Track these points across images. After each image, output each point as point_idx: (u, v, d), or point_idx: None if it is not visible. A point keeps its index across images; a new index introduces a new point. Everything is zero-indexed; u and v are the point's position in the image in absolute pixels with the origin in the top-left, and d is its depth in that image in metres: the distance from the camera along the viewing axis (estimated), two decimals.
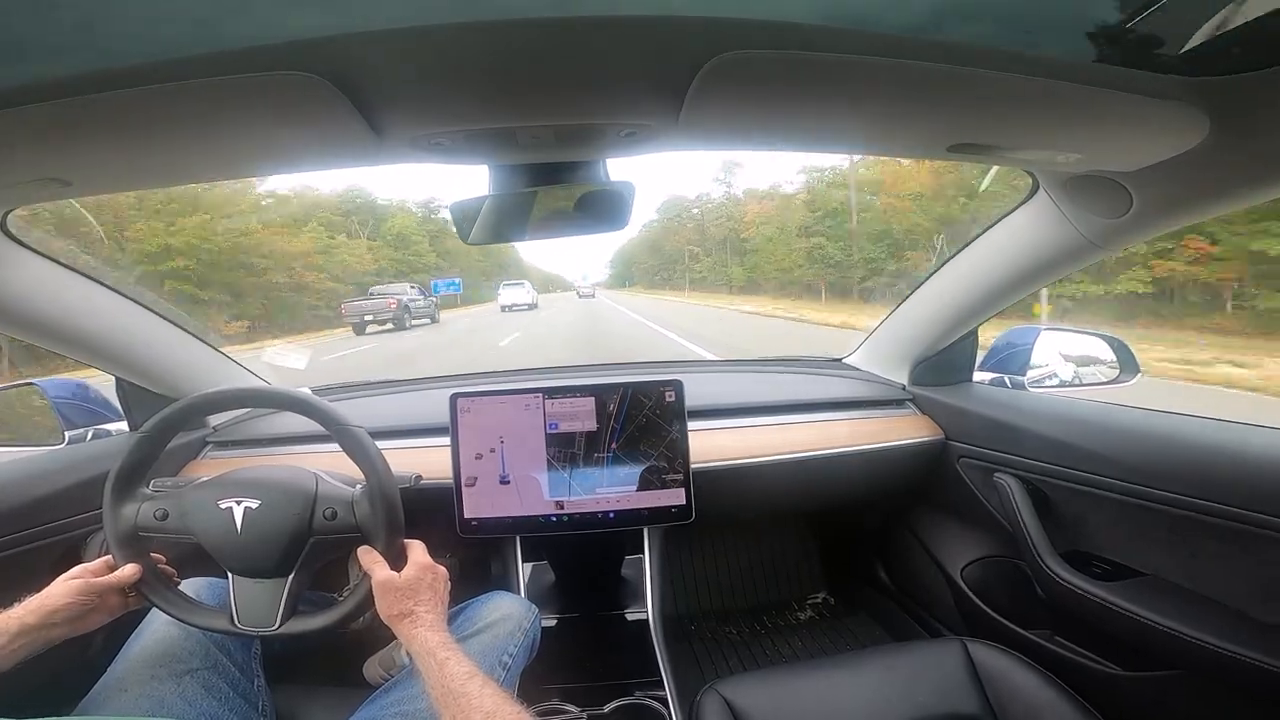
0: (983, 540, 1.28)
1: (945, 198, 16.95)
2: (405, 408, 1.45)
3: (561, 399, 1.14)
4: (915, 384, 1.40)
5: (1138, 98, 0.56)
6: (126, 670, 0.79)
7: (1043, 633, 1.12)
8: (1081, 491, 1.00)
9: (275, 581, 0.79)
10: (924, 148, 0.75)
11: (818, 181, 24.24)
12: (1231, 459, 0.82)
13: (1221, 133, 0.60)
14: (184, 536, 0.78)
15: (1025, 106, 0.59)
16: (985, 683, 0.91)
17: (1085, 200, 0.84)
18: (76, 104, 0.48)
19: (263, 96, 0.50)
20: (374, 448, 0.79)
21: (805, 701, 0.90)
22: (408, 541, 0.82)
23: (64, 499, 0.99)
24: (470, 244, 0.78)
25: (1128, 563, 0.97)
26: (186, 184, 0.74)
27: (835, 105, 0.59)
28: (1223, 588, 0.84)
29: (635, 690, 0.99)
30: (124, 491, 0.79)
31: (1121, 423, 0.99)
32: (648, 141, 0.65)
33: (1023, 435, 1.11)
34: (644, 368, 1.66)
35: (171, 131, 0.56)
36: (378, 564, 0.77)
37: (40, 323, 0.95)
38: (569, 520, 1.13)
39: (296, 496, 0.79)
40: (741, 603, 1.80)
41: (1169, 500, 0.86)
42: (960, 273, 1.17)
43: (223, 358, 1.31)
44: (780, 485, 1.30)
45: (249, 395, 1.04)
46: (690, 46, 0.47)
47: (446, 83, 0.52)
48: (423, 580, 0.77)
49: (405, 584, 0.75)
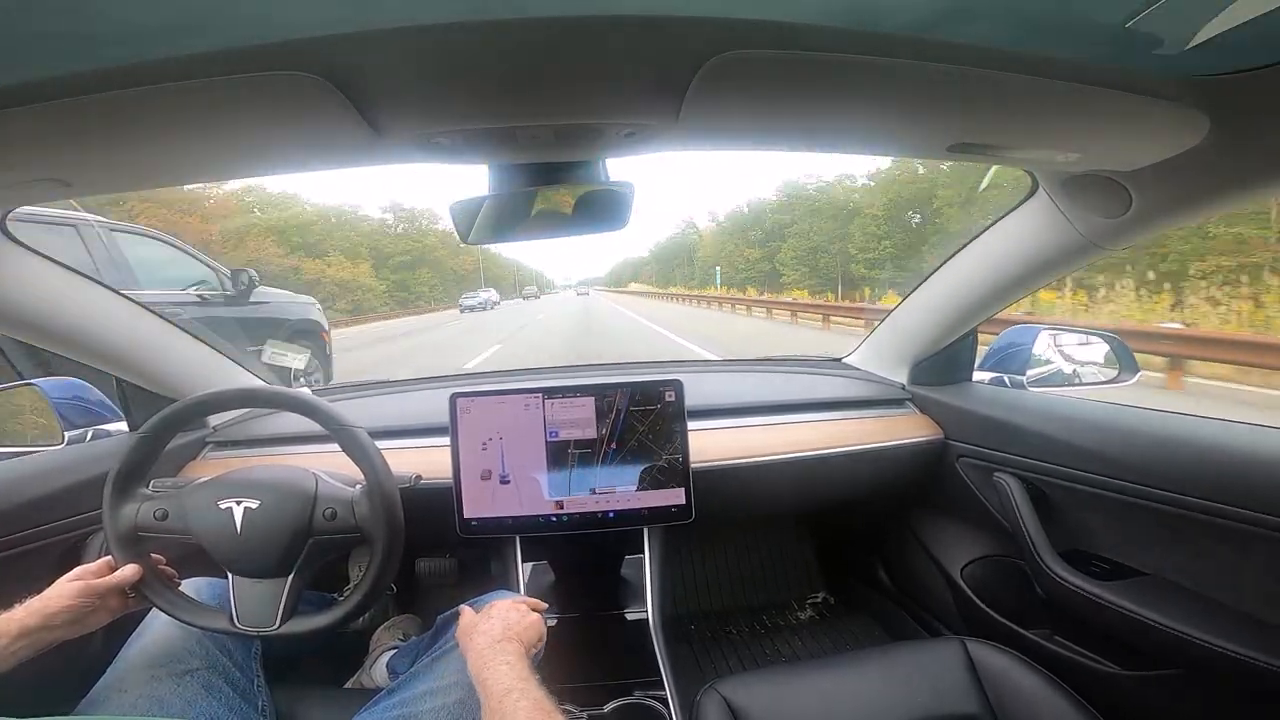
0: (982, 540, 1.28)
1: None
2: (405, 408, 1.45)
3: (561, 399, 1.14)
4: (915, 383, 1.40)
5: (1137, 97, 0.56)
6: (126, 670, 0.79)
7: (1042, 632, 1.12)
8: (1081, 491, 1.00)
9: (275, 581, 0.79)
10: (923, 148, 0.75)
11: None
12: (1232, 458, 0.82)
13: (1221, 132, 0.60)
14: (184, 537, 0.78)
15: (1025, 106, 0.59)
16: (985, 682, 0.91)
17: (1085, 200, 0.84)
18: (75, 104, 0.48)
19: (261, 96, 0.50)
20: (373, 447, 0.79)
21: (805, 701, 0.90)
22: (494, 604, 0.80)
23: (63, 499, 0.99)
24: (469, 244, 0.78)
25: (1127, 562, 0.97)
26: (185, 184, 0.74)
27: (835, 105, 0.59)
28: (1223, 587, 0.84)
29: (635, 690, 0.98)
30: (123, 492, 0.79)
31: (1121, 422, 0.99)
32: (647, 141, 0.65)
33: (1022, 434, 1.11)
34: (643, 368, 1.66)
35: (170, 132, 0.56)
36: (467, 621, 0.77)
37: (39, 323, 0.94)
38: (569, 520, 1.13)
39: (296, 497, 0.79)
40: (741, 602, 1.80)
41: (1169, 499, 0.86)
42: (960, 272, 1.17)
43: (222, 358, 1.30)
44: (780, 485, 1.30)
45: (248, 395, 1.04)
46: (690, 46, 0.47)
47: (446, 82, 0.52)
48: (510, 629, 0.74)
49: (489, 641, 0.71)
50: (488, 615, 0.76)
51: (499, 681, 0.62)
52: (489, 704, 0.61)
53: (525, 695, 0.60)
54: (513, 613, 0.77)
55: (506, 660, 0.66)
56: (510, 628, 0.74)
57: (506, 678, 0.63)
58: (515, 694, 0.60)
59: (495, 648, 0.69)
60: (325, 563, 0.83)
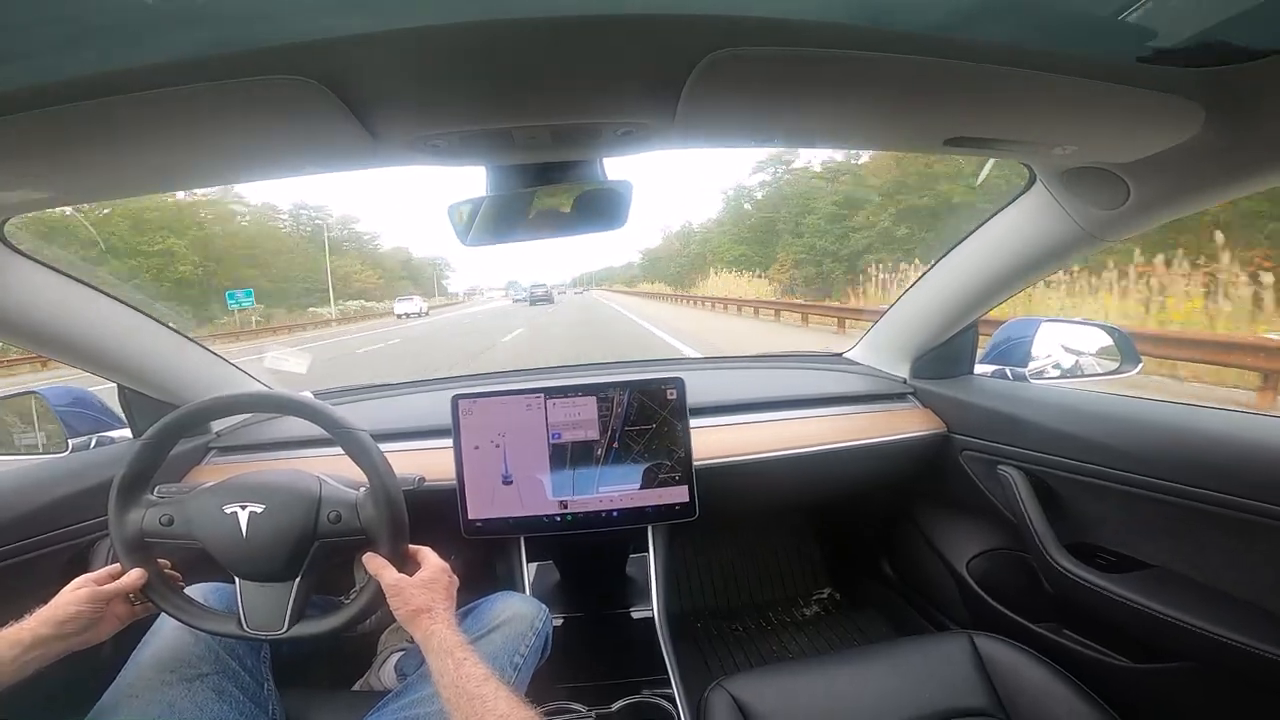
0: (987, 533, 1.28)
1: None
2: (407, 410, 1.45)
3: (562, 399, 1.14)
4: (916, 377, 1.40)
5: (1132, 90, 0.56)
6: (137, 676, 0.79)
7: (1050, 625, 1.11)
8: (1086, 483, 1.00)
9: (282, 585, 0.79)
10: (920, 142, 0.75)
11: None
12: (1237, 448, 0.81)
13: (1216, 123, 0.60)
14: (190, 542, 0.79)
15: (1021, 100, 0.59)
16: (993, 677, 0.90)
17: (1082, 192, 0.84)
18: (69, 111, 0.48)
19: (256, 101, 0.50)
20: (376, 450, 0.80)
21: (813, 698, 0.90)
22: (416, 547, 0.82)
23: (69, 506, 0.99)
24: (468, 246, 0.78)
25: (1134, 554, 0.97)
26: (181, 190, 0.74)
27: (831, 101, 0.59)
28: (1231, 579, 0.84)
29: (642, 689, 0.99)
30: (129, 498, 0.79)
31: (1125, 413, 0.99)
32: (645, 140, 0.65)
33: (1025, 427, 1.11)
34: (645, 366, 1.66)
35: (164, 137, 0.56)
36: (385, 568, 0.77)
37: (41, 331, 0.95)
38: (573, 520, 1.13)
39: (300, 500, 0.79)
40: (747, 599, 1.80)
41: (1175, 491, 0.86)
42: (959, 266, 1.17)
43: (224, 363, 1.31)
44: (783, 481, 1.30)
45: (251, 400, 1.04)
46: (685, 44, 0.47)
47: (441, 84, 0.52)
48: (439, 581, 0.78)
49: (423, 582, 0.76)
50: (431, 593, 0.77)
51: (477, 667, 0.68)
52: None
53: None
54: (445, 587, 0.80)
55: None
56: (450, 595, 0.79)
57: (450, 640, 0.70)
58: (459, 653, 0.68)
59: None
60: (332, 566, 0.83)
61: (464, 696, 0.63)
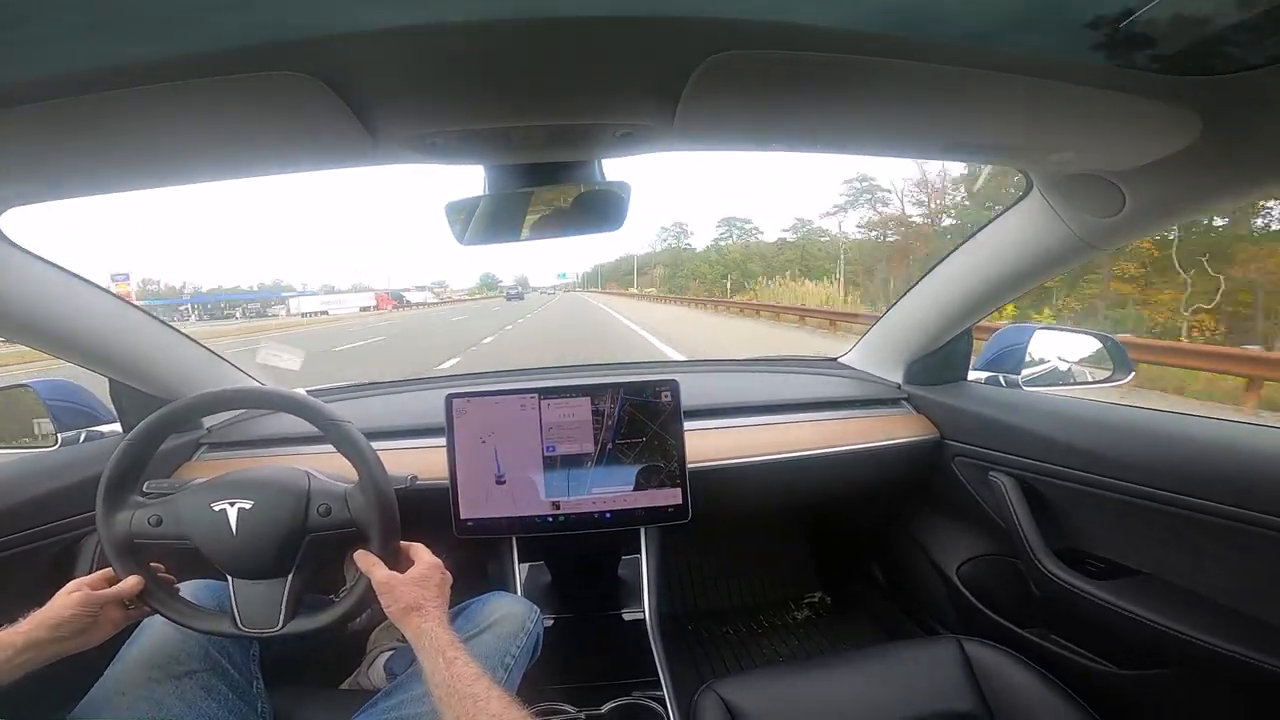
0: (978, 539, 1.29)
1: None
2: (401, 409, 1.44)
3: (557, 399, 1.14)
4: (910, 383, 1.40)
5: (1130, 98, 0.56)
6: (124, 673, 0.78)
7: (1038, 631, 1.12)
8: (1076, 490, 1.01)
9: (275, 582, 0.78)
10: (919, 148, 0.75)
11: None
12: (1227, 457, 0.82)
13: (1213, 132, 0.61)
14: (180, 541, 0.78)
15: (1020, 107, 0.60)
16: (981, 681, 0.91)
17: (1079, 199, 0.84)
18: (68, 105, 0.48)
19: (255, 97, 0.50)
20: (365, 443, 0.79)
21: (802, 701, 0.90)
22: (408, 544, 0.82)
23: (57, 501, 0.98)
24: (465, 245, 0.77)
25: (1123, 561, 0.97)
26: (178, 185, 0.73)
27: (831, 105, 0.60)
28: (1218, 586, 0.84)
29: (632, 690, 0.98)
30: (115, 499, 0.78)
31: (1116, 421, 1.00)
32: (644, 142, 0.65)
33: (1017, 433, 1.11)
34: (639, 368, 1.66)
35: (163, 132, 0.56)
36: (376, 565, 0.76)
37: (33, 324, 0.94)
38: (565, 520, 1.13)
39: (289, 494, 0.79)
40: (738, 602, 1.81)
41: (1164, 498, 0.87)
42: (955, 272, 1.18)
43: (215, 358, 1.30)
44: (776, 485, 1.30)
45: (241, 396, 1.03)
46: (685, 46, 0.47)
47: (440, 82, 0.52)
48: (431, 578, 0.77)
49: (415, 579, 0.76)
50: (423, 590, 0.76)
51: (468, 665, 0.68)
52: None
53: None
54: (437, 585, 0.79)
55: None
56: (443, 593, 0.78)
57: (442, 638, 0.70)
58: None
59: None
60: (324, 561, 0.82)
61: (456, 695, 0.63)
